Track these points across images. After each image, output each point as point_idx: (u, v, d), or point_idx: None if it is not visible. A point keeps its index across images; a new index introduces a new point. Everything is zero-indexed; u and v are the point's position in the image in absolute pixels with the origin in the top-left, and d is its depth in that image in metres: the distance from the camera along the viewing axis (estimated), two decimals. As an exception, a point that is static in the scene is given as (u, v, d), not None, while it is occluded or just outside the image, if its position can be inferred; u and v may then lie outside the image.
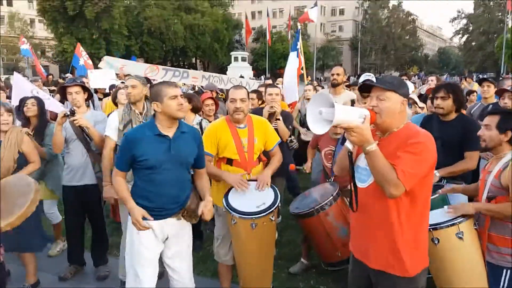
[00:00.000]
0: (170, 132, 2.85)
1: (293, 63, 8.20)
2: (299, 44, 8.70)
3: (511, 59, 47.29)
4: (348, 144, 2.24)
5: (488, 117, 2.78)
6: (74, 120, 3.72)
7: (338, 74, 5.48)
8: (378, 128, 2.29)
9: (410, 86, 6.51)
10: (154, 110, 2.84)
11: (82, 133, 3.90)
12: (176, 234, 2.96)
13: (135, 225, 2.78)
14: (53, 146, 3.92)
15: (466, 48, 65.42)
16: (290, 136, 5.90)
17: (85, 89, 4.07)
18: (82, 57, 13.50)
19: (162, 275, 3.45)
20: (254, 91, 5.83)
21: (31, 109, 4.34)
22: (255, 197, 3.22)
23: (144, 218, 2.78)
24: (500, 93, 4.22)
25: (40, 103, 4.40)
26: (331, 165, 4.10)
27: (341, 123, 2.08)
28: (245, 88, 3.56)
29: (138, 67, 10.02)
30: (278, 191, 3.32)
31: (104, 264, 4.26)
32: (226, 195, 3.26)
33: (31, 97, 4.51)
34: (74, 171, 3.98)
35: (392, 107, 2.20)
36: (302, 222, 3.75)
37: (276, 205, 3.16)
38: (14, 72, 6.84)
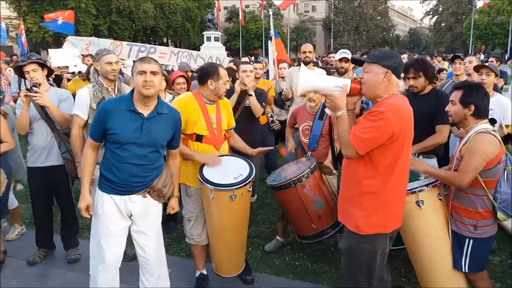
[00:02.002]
0: (145, 111, 2.73)
1: (271, 52, 8.45)
2: (271, 32, 8.79)
3: (478, 39, 48.46)
4: (326, 110, 2.47)
5: (453, 93, 2.80)
6: (33, 98, 3.51)
7: (310, 52, 5.51)
8: (367, 98, 2.51)
9: None
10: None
11: (45, 112, 3.71)
12: (141, 211, 2.86)
13: (80, 211, 2.81)
14: (16, 127, 3.72)
15: (436, 29, 66.72)
16: (271, 117, 5.86)
17: (43, 65, 3.81)
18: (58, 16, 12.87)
19: (134, 257, 3.36)
20: (247, 63, 5.72)
21: None
22: (230, 169, 3.20)
23: (109, 192, 2.77)
24: (477, 69, 4.25)
25: None
26: (308, 140, 4.10)
27: (311, 89, 2.49)
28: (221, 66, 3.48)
29: (101, 44, 9.65)
30: (250, 162, 3.31)
31: (75, 246, 4.13)
32: (201, 170, 3.17)
33: None
34: (39, 151, 3.80)
35: (374, 78, 2.36)
36: (278, 194, 3.76)
37: (253, 175, 3.16)
38: None
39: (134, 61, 3.20)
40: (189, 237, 3.46)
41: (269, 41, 8.95)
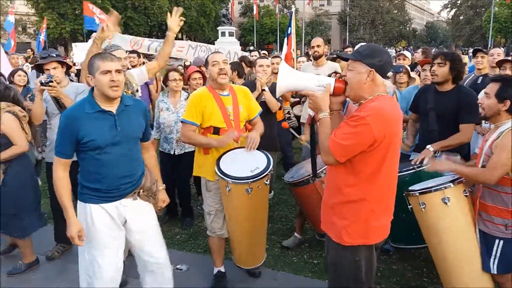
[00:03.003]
0: (112, 107, 2.55)
1: (284, 49, 8.12)
2: (291, 29, 8.53)
3: (498, 32, 47.38)
4: (309, 111, 2.36)
5: (489, 85, 2.67)
6: (48, 89, 3.49)
7: (318, 46, 5.33)
8: (351, 99, 2.31)
9: (408, 54, 6.39)
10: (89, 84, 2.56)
11: (63, 106, 3.70)
12: (135, 216, 2.70)
13: (72, 240, 2.51)
14: (32, 117, 3.70)
15: (454, 22, 65.41)
16: (288, 113, 5.78)
17: (62, 63, 3.83)
18: (96, 15, 12.82)
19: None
20: (264, 57, 5.63)
21: None
22: (247, 162, 3.11)
23: (97, 202, 2.57)
24: (500, 64, 4.11)
25: None
26: None
27: (290, 88, 2.37)
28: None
29: (123, 39, 9.70)
30: (269, 155, 3.21)
31: (93, 242, 4.13)
32: (217, 163, 3.12)
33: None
34: (57, 147, 3.80)
35: (357, 77, 2.17)
36: (296, 191, 3.70)
37: (270, 168, 3.07)
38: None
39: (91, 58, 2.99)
40: (211, 230, 3.41)
41: (285, 38, 8.77)
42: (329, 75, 4.97)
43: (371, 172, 2.14)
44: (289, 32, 8.47)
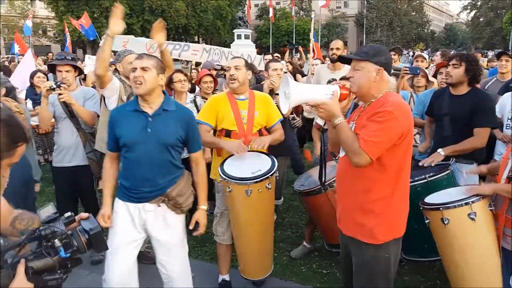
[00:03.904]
0: (150, 109, 2.60)
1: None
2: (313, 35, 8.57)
3: (520, 34, 46.30)
4: (318, 120, 2.30)
5: None
6: (58, 95, 3.50)
7: (338, 49, 5.12)
8: (359, 98, 2.37)
9: (426, 57, 6.24)
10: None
11: (71, 111, 3.69)
12: (156, 222, 2.66)
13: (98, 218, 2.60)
14: (39, 123, 3.72)
15: (474, 24, 64.32)
16: (292, 114, 5.67)
17: (75, 67, 3.86)
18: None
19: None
20: (276, 61, 5.55)
21: None
22: (251, 164, 3.08)
23: (124, 199, 2.67)
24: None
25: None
26: None
27: (303, 101, 2.34)
28: (243, 58, 3.43)
29: (140, 42, 9.74)
30: (275, 160, 3.16)
31: (99, 247, 4.11)
32: (222, 163, 3.12)
33: None
34: (65, 151, 3.80)
35: (366, 76, 2.21)
36: (307, 200, 3.60)
37: (272, 172, 3.01)
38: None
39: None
40: (214, 233, 3.43)
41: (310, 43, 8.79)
42: (328, 82, 4.87)
43: (398, 165, 2.19)
44: (313, 39, 8.47)
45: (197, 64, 10.87)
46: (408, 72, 4.79)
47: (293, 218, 4.94)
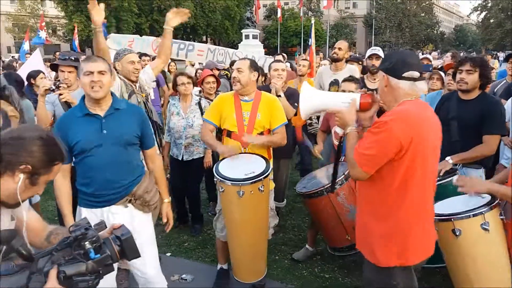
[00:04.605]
0: (101, 111, 2.52)
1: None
2: (311, 40, 8.39)
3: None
4: (336, 128, 2.19)
5: None
6: (59, 95, 3.48)
7: (339, 49, 5.04)
8: (385, 110, 2.19)
9: (431, 58, 6.15)
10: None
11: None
12: (126, 224, 2.64)
13: None
14: (37, 122, 3.68)
15: (484, 25, 63.71)
16: (311, 119, 5.57)
17: (78, 68, 3.84)
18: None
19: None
20: (278, 61, 5.48)
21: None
22: (245, 166, 3.06)
23: (87, 206, 2.56)
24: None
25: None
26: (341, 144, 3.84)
27: (319, 109, 2.36)
28: (248, 59, 3.39)
29: (145, 42, 9.73)
30: (270, 163, 3.13)
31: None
32: (217, 164, 3.13)
33: None
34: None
35: (380, 85, 2.14)
36: (309, 202, 3.54)
37: (265, 175, 2.96)
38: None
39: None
40: (214, 228, 3.47)
41: (309, 46, 8.67)
42: (331, 83, 4.79)
43: (399, 183, 1.98)
44: (309, 43, 8.35)
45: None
46: None
47: (296, 221, 4.86)
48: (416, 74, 2.01)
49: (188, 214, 4.76)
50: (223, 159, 3.17)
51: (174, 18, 3.66)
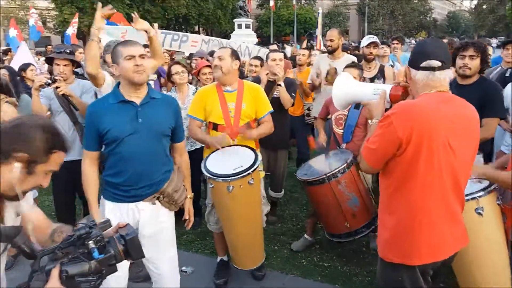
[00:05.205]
0: (137, 98, 2.44)
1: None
2: (318, 30, 8.40)
3: (523, 22, 45.82)
4: (369, 121, 2.22)
5: None
6: (57, 88, 3.44)
7: (331, 40, 5.02)
8: None
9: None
10: (114, 75, 2.44)
11: (68, 104, 3.64)
12: (149, 219, 2.53)
13: None
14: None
15: (477, 12, 63.74)
16: (308, 109, 5.57)
17: (73, 61, 3.80)
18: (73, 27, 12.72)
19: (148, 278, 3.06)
20: (257, 58, 5.48)
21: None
22: (234, 160, 3.04)
23: (114, 200, 2.49)
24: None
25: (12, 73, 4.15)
26: (342, 131, 3.85)
27: (348, 99, 2.32)
28: (230, 48, 3.36)
29: (139, 33, 9.59)
30: (258, 155, 3.12)
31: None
32: (206, 159, 3.11)
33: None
34: (62, 145, 3.74)
35: (408, 77, 2.09)
36: (309, 190, 3.57)
37: (253, 168, 2.95)
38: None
39: (114, 46, 2.68)
40: (207, 222, 3.47)
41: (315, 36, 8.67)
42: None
43: (402, 179, 1.90)
44: (316, 33, 8.36)
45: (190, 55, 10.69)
46: None
47: (294, 211, 4.88)
48: (434, 63, 1.90)
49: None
50: (211, 153, 3.15)
51: (137, 23, 3.36)
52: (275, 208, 4.58)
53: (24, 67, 5.95)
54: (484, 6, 61.74)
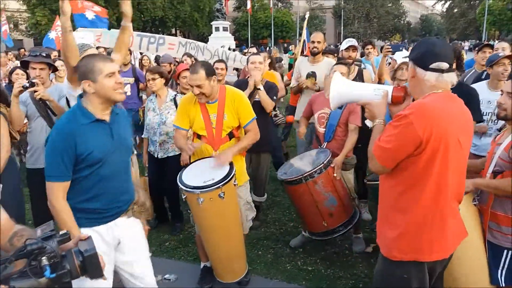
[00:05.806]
0: (107, 116, 2.30)
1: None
2: (307, 36, 8.51)
3: (492, 25, 47.31)
4: (367, 122, 2.21)
5: (509, 82, 2.47)
6: (34, 92, 3.32)
7: (318, 42, 5.03)
8: None
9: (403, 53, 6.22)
10: (84, 91, 2.24)
11: (45, 109, 3.53)
12: (128, 236, 2.43)
13: None
14: (11, 123, 3.47)
15: (448, 15, 65.37)
16: (275, 110, 5.58)
17: (50, 65, 3.70)
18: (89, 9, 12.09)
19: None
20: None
21: None
22: (207, 172, 3.00)
23: (90, 225, 2.27)
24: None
25: None
26: (324, 130, 3.87)
27: (349, 100, 2.32)
28: (200, 67, 3.10)
29: (114, 36, 9.40)
30: (233, 168, 3.02)
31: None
32: (183, 169, 3.12)
33: None
34: (39, 152, 3.63)
35: (408, 76, 2.11)
36: (289, 189, 3.65)
37: (224, 182, 2.88)
38: None
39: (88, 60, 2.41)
40: (193, 223, 3.41)
41: (300, 41, 8.76)
42: (308, 74, 4.83)
43: (416, 178, 1.94)
44: (306, 40, 8.45)
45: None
46: (391, 50, 4.78)
47: (277, 215, 4.87)
48: (444, 65, 1.93)
49: (167, 212, 4.70)
50: (191, 163, 3.17)
51: (127, 5, 3.14)
52: (258, 212, 4.56)
53: (12, 70, 5.77)
54: (455, 10, 63.43)
